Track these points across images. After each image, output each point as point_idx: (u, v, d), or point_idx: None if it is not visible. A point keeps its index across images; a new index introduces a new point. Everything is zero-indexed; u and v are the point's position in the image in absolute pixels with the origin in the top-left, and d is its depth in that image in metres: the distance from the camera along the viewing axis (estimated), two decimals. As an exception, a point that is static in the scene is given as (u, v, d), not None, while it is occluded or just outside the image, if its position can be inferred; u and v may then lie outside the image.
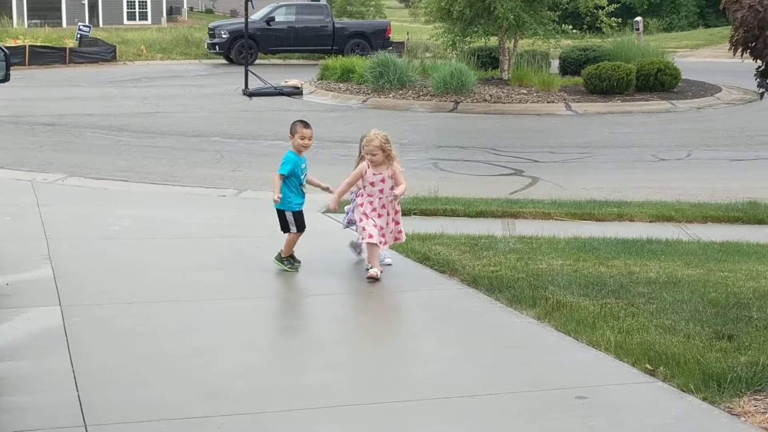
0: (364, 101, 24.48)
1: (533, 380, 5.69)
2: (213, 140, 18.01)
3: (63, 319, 6.68)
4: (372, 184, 8.12)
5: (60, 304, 7.07)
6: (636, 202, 12.08)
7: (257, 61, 35.13)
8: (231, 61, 36.20)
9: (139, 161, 15.46)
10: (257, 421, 5.05)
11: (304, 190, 8.43)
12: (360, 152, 8.53)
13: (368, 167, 8.10)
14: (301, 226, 8.36)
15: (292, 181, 8.31)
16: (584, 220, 11.17)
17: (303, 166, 8.40)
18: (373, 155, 8.05)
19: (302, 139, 8.33)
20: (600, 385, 5.60)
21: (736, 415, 5.15)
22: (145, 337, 6.43)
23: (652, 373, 5.75)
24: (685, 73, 26.41)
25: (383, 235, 8.10)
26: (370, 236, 7.97)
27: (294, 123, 8.51)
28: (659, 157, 16.93)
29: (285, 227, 8.37)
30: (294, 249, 8.33)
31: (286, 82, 27.00)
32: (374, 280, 7.86)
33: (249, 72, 25.73)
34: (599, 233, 10.05)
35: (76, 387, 5.40)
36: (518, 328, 6.75)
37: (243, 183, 13.54)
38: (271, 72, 29.72)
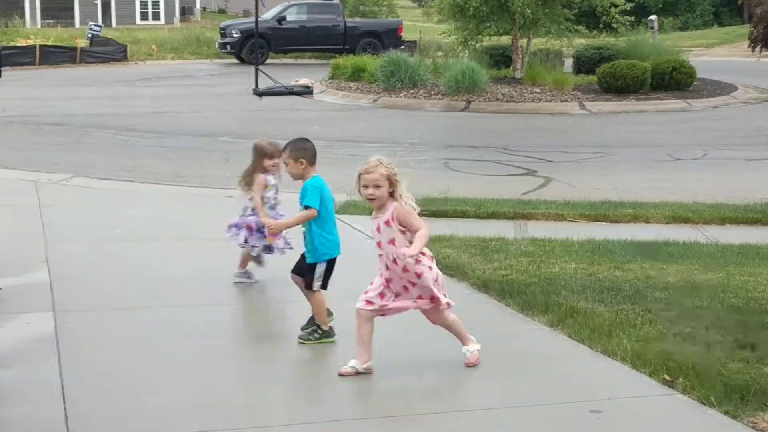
0: (375, 100, 24.21)
1: (545, 392, 5.42)
2: (221, 140, 17.77)
3: (55, 326, 6.44)
4: (373, 233, 5.79)
5: (54, 309, 6.84)
6: (652, 203, 11.76)
7: (268, 61, 34.87)
8: (242, 61, 35.97)
9: (146, 161, 15.23)
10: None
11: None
12: (261, 165, 7.56)
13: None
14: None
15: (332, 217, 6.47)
16: (598, 221, 10.86)
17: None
18: (376, 189, 5.59)
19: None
20: (616, 398, 5.33)
21: (761, 430, 4.88)
22: (138, 344, 6.18)
23: (671, 384, 5.47)
24: (701, 72, 26.04)
25: (382, 309, 5.72)
26: (367, 302, 5.72)
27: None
28: (675, 156, 16.60)
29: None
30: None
31: (296, 81, 26.75)
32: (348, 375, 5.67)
33: (259, 71, 25.49)
34: (614, 235, 9.75)
35: (64, 399, 5.16)
36: (530, 335, 6.47)
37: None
38: (282, 71, 29.48)
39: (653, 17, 35.72)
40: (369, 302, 5.68)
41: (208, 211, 10.96)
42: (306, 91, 25.75)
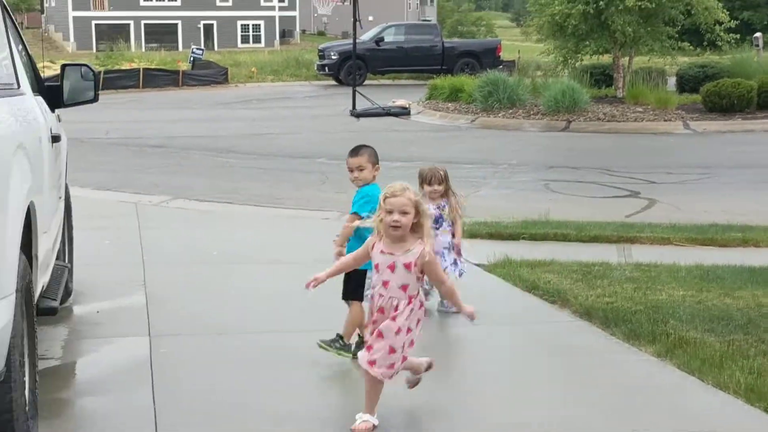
0: (473, 121, 24.01)
1: (656, 427, 5.13)
2: (318, 161, 17.76)
3: (150, 351, 6.37)
4: (377, 268, 5.04)
5: (149, 334, 6.77)
6: (762, 227, 11.30)
7: (366, 82, 34.98)
8: (340, 82, 36.15)
9: (244, 183, 15.28)
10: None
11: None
12: (420, 190, 7.16)
13: (377, 240, 5.03)
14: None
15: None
16: (706, 245, 10.46)
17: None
18: (403, 215, 4.87)
19: (350, 171, 6.40)
20: (730, 435, 5.03)
21: None
22: (233, 370, 6.07)
23: (789, 422, 5.14)
24: (810, 90, 25.21)
25: (390, 366, 4.97)
26: (370, 363, 4.98)
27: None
28: (785, 177, 16.03)
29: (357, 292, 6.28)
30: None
31: (394, 102, 26.72)
32: None
33: (357, 92, 25.51)
34: (723, 260, 9.36)
35: (156, 426, 5.05)
36: (637, 366, 6.18)
37: (347, 205, 13.15)
38: (380, 92, 29.50)
39: (758, 34, 34.81)
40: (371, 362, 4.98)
41: (305, 233, 10.88)
42: (403, 112, 25.69)
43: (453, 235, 7.50)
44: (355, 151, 6.33)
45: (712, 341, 6.45)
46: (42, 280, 5.69)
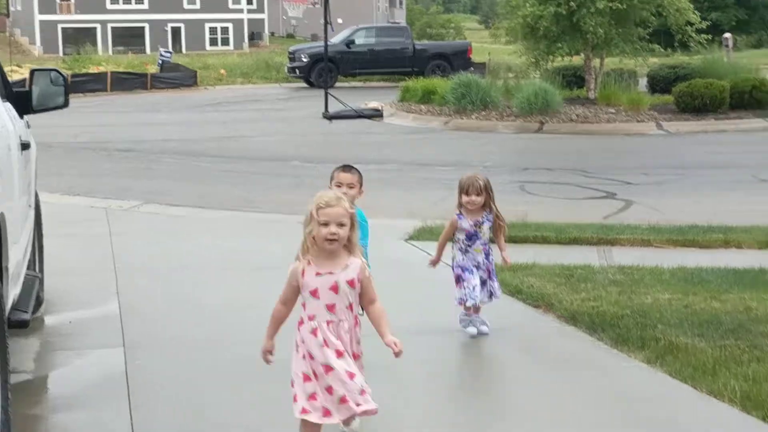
0: (446, 123, 23.88)
1: (651, 439, 4.98)
2: (292, 164, 17.55)
3: (125, 363, 6.15)
4: (314, 294, 4.49)
5: (124, 345, 6.55)
6: (742, 227, 11.20)
7: (337, 84, 34.76)
8: (311, 85, 35.96)
9: (217, 187, 15.06)
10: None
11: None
12: (459, 200, 6.78)
13: (306, 264, 4.47)
14: None
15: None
16: (687, 247, 10.35)
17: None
18: (340, 228, 4.41)
19: (338, 186, 6.01)
20: (729, 447, 4.88)
21: None
22: (211, 386, 5.85)
23: (788, 430, 5.00)
24: (782, 90, 25.27)
25: (326, 412, 4.42)
26: (303, 410, 4.45)
27: (333, 169, 6.27)
28: (760, 177, 15.99)
29: None
30: None
31: (366, 104, 26.55)
32: None
33: (329, 95, 25.32)
34: (706, 262, 9.24)
35: (134, 445, 4.85)
36: (627, 374, 6.02)
37: (322, 209, 12.98)
38: (352, 94, 29.30)
39: (728, 35, 35.00)
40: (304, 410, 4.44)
41: (281, 238, 10.65)
42: (376, 114, 25.53)
43: (486, 255, 6.82)
44: (348, 168, 6.16)
45: (704, 347, 6.31)
46: (13, 292, 5.46)
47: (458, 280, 6.83)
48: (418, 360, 6.46)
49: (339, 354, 4.39)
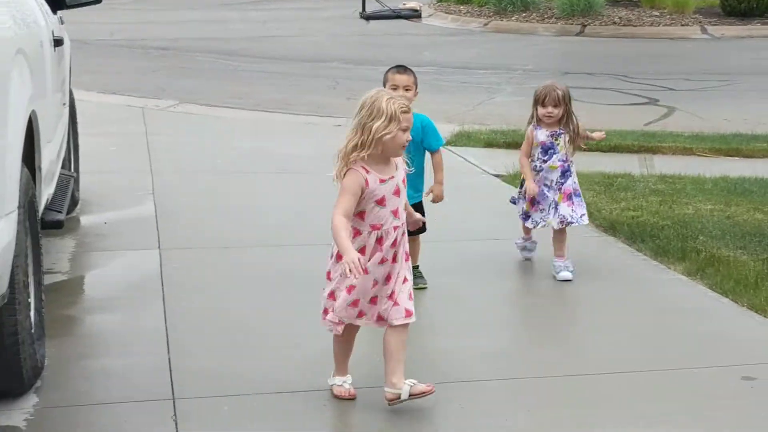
0: (486, 24, 23.45)
1: (688, 355, 4.91)
2: (328, 66, 17.34)
3: (160, 265, 6.13)
4: (382, 203, 4.26)
5: (159, 247, 6.53)
6: (787, 137, 10.98)
7: (376, -17, 34.21)
8: (349, -17, 35.40)
9: (253, 87, 14.91)
10: (367, 397, 4.40)
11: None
12: (534, 113, 6.21)
13: (365, 172, 4.24)
14: None
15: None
16: (730, 156, 10.15)
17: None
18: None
19: (394, 89, 5.60)
20: (769, 362, 4.79)
21: None
22: (244, 289, 5.84)
23: (831, 347, 4.91)
24: (832, -6, 24.57)
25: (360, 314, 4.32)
26: (337, 323, 4.36)
27: (387, 70, 5.90)
28: (806, 85, 15.63)
29: None
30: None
31: (404, 4, 26.09)
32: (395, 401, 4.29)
33: (367, -6, 24.92)
34: (750, 172, 9.07)
35: (168, 349, 4.84)
36: (667, 287, 5.93)
37: (358, 111, 12.85)
38: (390, -6, 28.83)
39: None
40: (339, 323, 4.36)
41: (318, 141, 10.57)
42: (414, 15, 25.09)
43: (563, 173, 6.19)
44: (404, 69, 5.79)
45: (746, 260, 6.20)
46: (47, 191, 5.43)
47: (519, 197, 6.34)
48: (450, 265, 6.41)
49: (406, 257, 4.34)
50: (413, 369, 4.35)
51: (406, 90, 5.68)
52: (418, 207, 5.73)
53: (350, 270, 3.99)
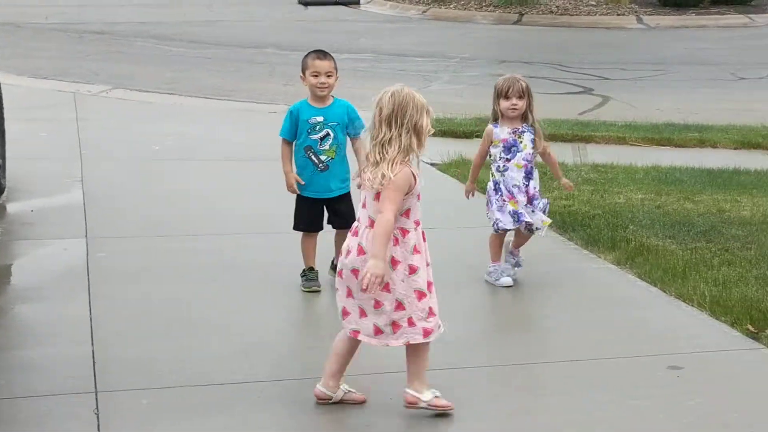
0: (424, 11, 23.45)
1: (616, 344, 4.93)
2: (265, 52, 17.19)
3: (87, 254, 6.03)
4: (419, 196, 4.27)
5: (86, 236, 6.42)
6: (718, 126, 11.11)
7: (315, -31, 34.04)
8: (288, -31, 35.17)
9: (189, 73, 14.73)
10: (298, 389, 4.36)
11: (320, 163, 5.63)
12: (496, 107, 5.76)
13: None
14: (303, 223, 5.73)
15: (299, 147, 5.69)
16: (662, 145, 10.25)
17: (319, 121, 5.64)
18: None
19: (315, 76, 5.65)
20: (696, 352, 4.83)
21: None
22: (174, 278, 5.77)
23: (755, 336, 4.96)
24: (763, -15, 24.94)
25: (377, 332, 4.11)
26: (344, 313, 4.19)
27: (305, 56, 5.74)
28: (738, 75, 15.81)
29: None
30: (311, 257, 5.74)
31: (343, -10, 26.01)
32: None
33: (305, -20, 24.77)
34: (681, 162, 9.16)
35: (92, 340, 4.75)
36: (597, 275, 5.96)
37: (294, 98, 12.70)
38: (329, -20, 28.69)
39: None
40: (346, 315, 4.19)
41: (252, 128, 10.48)
42: (353, 1, 25.02)
43: (527, 175, 5.79)
44: (324, 54, 5.67)
45: (674, 249, 6.26)
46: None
47: (489, 202, 5.86)
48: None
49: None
50: (355, 365, 4.31)
51: (328, 76, 5.58)
52: (347, 198, 5.69)
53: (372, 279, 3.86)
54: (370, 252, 3.95)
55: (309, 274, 5.66)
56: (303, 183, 5.61)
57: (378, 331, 4.07)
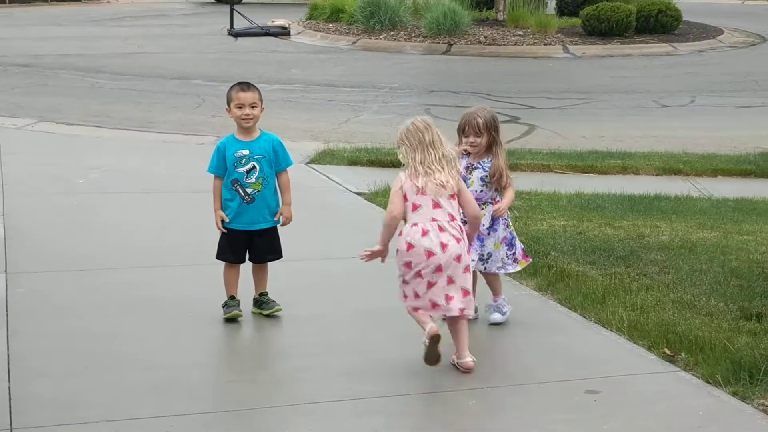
0: (354, 42, 23.57)
1: (535, 369, 4.98)
2: (194, 83, 17.15)
3: (6, 290, 5.95)
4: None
5: (6, 271, 6.34)
6: (640, 153, 11.32)
7: (244, 0, 34.05)
8: (218, 0, 35.12)
9: (116, 105, 14.64)
10: (212, 422, 4.35)
11: (246, 195, 5.62)
12: (460, 140, 5.64)
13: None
14: (225, 254, 5.72)
15: (226, 180, 5.68)
16: (586, 173, 10.42)
17: (245, 154, 5.66)
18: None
19: (239, 108, 5.67)
20: (613, 375, 4.90)
21: (773, 413, 4.46)
22: (98, 312, 5.71)
23: (671, 359, 5.06)
24: (685, 15, 25.41)
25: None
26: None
27: (229, 89, 5.77)
28: (662, 103, 16.13)
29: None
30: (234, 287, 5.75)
31: (273, 21, 26.02)
32: None
33: (234, 11, 24.76)
34: (603, 188, 9.32)
35: (9, 377, 4.69)
36: (517, 301, 6.00)
37: (223, 129, 12.70)
38: (259, 11, 28.68)
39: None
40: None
41: (180, 160, 10.45)
42: (283, 32, 25.05)
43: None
44: (248, 86, 5.69)
45: (594, 274, 6.35)
46: None
47: None
48: (312, 284, 6.40)
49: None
50: (265, 390, 4.30)
51: (252, 107, 5.61)
52: (273, 232, 5.71)
53: None
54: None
55: (230, 302, 5.67)
56: (227, 221, 5.61)
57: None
